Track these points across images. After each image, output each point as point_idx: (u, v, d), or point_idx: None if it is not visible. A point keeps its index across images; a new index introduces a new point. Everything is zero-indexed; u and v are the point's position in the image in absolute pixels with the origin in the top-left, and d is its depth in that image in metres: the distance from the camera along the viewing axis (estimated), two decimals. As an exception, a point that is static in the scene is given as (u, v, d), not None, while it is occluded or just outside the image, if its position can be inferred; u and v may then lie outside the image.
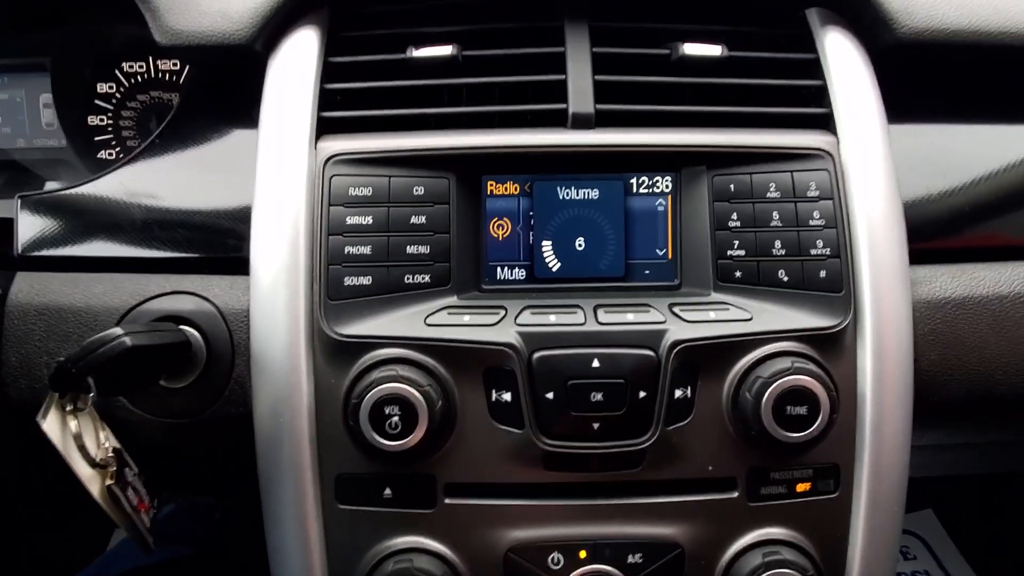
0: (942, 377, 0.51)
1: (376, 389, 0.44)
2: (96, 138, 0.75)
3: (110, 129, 0.75)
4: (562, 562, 0.46)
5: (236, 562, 0.90)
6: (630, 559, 0.46)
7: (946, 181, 0.57)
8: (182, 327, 0.50)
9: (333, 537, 0.47)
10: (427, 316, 0.47)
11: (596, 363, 0.44)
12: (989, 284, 0.53)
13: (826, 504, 0.48)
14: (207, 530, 0.98)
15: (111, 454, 0.45)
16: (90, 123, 0.75)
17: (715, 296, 0.49)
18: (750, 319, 0.47)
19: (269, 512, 0.48)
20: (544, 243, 0.51)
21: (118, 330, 0.41)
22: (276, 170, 0.50)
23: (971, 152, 0.60)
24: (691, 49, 0.52)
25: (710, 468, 0.46)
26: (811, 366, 0.45)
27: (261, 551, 0.51)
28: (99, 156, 0.74)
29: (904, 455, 0.49)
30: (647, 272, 0.52)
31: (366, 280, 0.47)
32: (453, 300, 0.48)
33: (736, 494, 0.47)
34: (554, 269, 0.52)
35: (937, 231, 0.56)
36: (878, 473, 0.48)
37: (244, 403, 0.49)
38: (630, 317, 0.46)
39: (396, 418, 0.43)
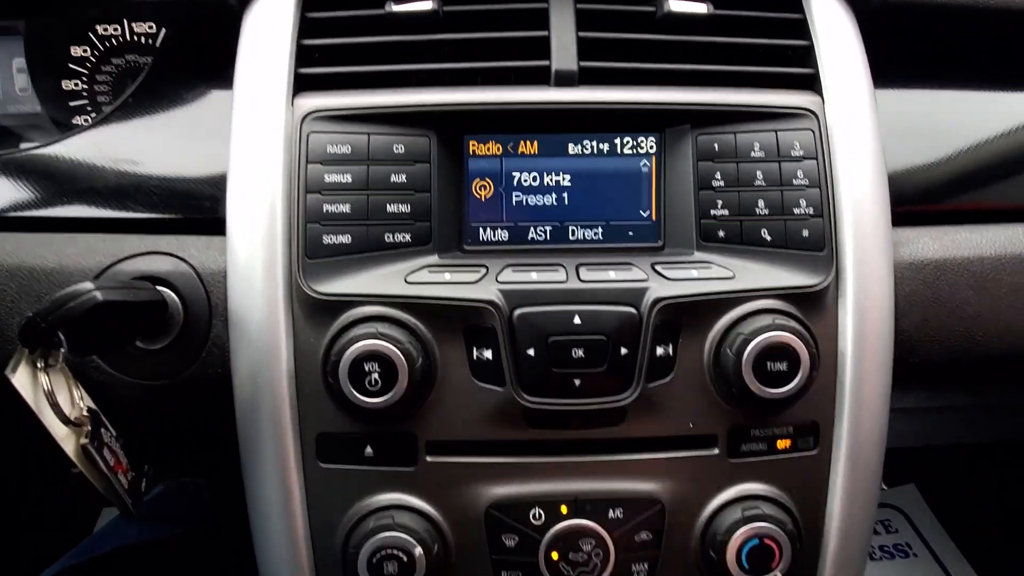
0: (923, 338, 0.52)
1: (355, 346, 0.43)
2: (71, 103, 0.73)
3: (85, 94, 0.73)
4: (543, 517, 0.46)
5: (225, 541, 0.90)
6: (611, 514, 0.46)
7: (931, 146, 0.57)
8: (158, 288, 0.49)
9: (314, 496, 0.47)
10: (407, 274, 0.46)
11: (577, 320, 0.44)
12: (971, 246, 0.54)
13: (806, 461, 0.48)
14: (196, 510, 0.98)
15: (86, 414, 0.45)
16: (64, 88, 0.73)
17: (698, 255, 0.48)
18: (732, 277, 0.46)
19: (249, 472, 0.48)
20: (527, 204, 0.51)
21: (89, 284, 0.40)
22: (252, 128, 0.49)
23: (957, 117, 0.60)
24: (677, 6, 0.51)
25: (691, 425, 0.47)
26: (792, 323, 0.45)
27: (250, 531, 0.51)
28: (74, 121, 0.72)
29: (883, 414, 0.50)
30: (630, 234, 0.51)
31: (345, 238, 0.47)
32: (434, 259, 0.48)
33: (716, 451, 0.47)
34: (537, 230, 0.51)
35: (920, 195, 0.56)
36: (857, 431, 0.49)
37: (222, 364, 0.49)
38: (612, 275, 0.46)
39: (376, 375, 0.43)
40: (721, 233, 0.48)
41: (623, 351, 0.44)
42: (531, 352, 0.44)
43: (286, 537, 0.47)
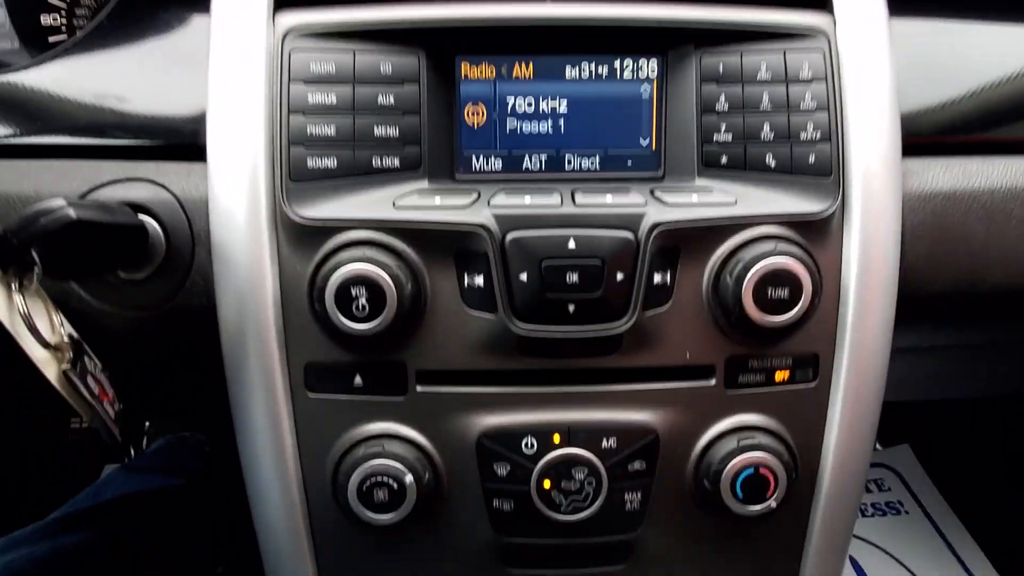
0: (929, 270, 0.50)
1: (342, 270, 0.42)
2: (50, 39, 0.70)
3: (64, 29, 0.70)
4: (535, 446, 0.45)
5: (226, 494, 0.91)
6: (604, 443, 0.45)
7: (945, 78, 0.55)
8: (140, 216, 0.47)
9: (303, 425, 0.46)
10: (396, 199, 0.44)
11: (572, 244, 0.43)
12: (981, 177, 0.52)
13: (804, 393, 0.47)
14: (198, 463, 0.99)
15: (66, 340, 0.44)
16: (43, 23, 0.70)
17: (699, 182, 0.47)
18: (734, 203, 0.45)
19: (237, 403, 0.47)
20: (522, 132, 0.49)
21: (61, 200, 0.38)
22: (231, 46, 0.46)
23: (973, 50, 0.57)
24: (682, -83, 0.48)
25: (688, 355, 0.46)
26: (795, 249, 0.44)
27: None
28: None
29: (885, 349, 0.49)
30: (629, 163, 0.49)
31: (330, 162, 0.45)
32: (424, 185, 0.46)
33: (713, 382, 0.46)
34: (532, 159, 0.49)
35: (931, 127, 0.54)
36: (858, 364, 0.48)
37: (207, 294, 0.47)
38: (609, 199, 0.44)
39: (363, 300, 0.42)
40: (724, 159, 0.46)
41: (619, 277, 0.43)
42: (523, 277, 0.43)
43: (275, 467, 0.47)
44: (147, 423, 1.46)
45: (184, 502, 0.86)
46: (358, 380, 0.46)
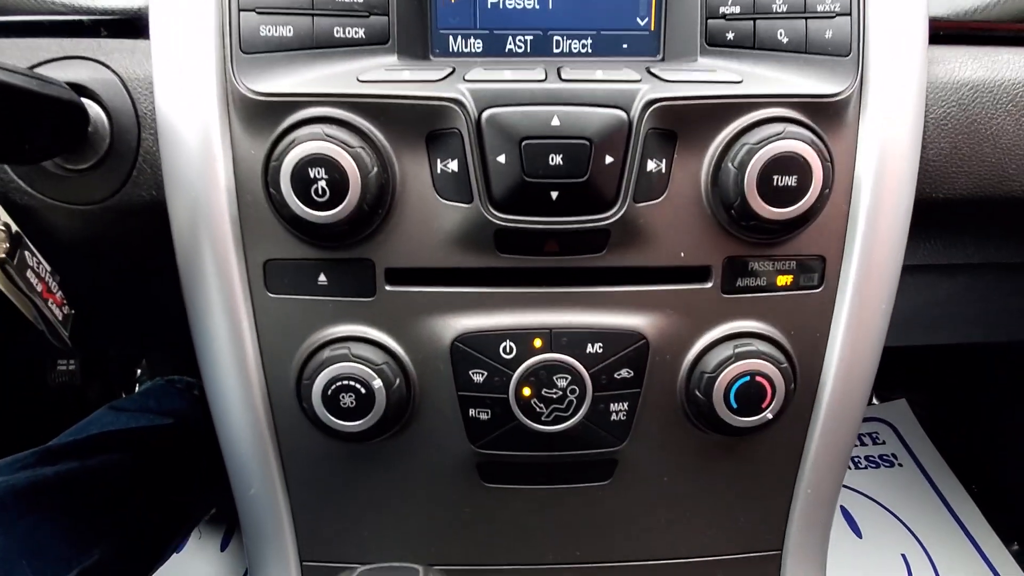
0: (950, 168, 0.46)
1: (298, 149, 0.37)
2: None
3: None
4: (514, 351, 0.42)
5: (213, 435, 0.89)
6: (589, 349, 0.42)
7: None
8: (82, 100, 0.43)
9: (265, 329, 0.43)
10: (360, 73, 0.39)
11: (556, 121, 0.38)
12: (1013, 68, 0.46)
13: (807, 299, 0.44)
14: (186, 405, 0.97)
15: (1, 229, 0.40)
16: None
17: (702, 61, 0.42)
18: (740, 82, 0.40)
19: (193, 306, 0.44)
20: (504, 7, 0.43)
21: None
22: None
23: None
24: None
25: (682, 255, 0.42)
26: (806, 133, 0.39)
27: None
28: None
29: (898, 255, 0.45)
30: (624, 46, 0.44)
31: (286, 31, 0.39)
32: (392, 60, 0.41)
33: (709, 285, 0.42)
34: (516, 40, 0.44)
35: (960, 14, 0.49)
36: (868, 270, 0.44)
37: (156, 186, 0.43)
38: (599, 74, 0.39)
39: (323, 184, 0.37)
40: (730, 35, 0.41)
41: (608, 160, 0.38)
42: (501, 159, 0.38)
43: (237, 374, 0.43)
44: (139, 371, 1.45)
45: (170, 441, 0.85)
46: (322, 279, 0.42)
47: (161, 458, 0.81)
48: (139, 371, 1.38)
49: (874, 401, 1.54)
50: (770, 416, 0.42)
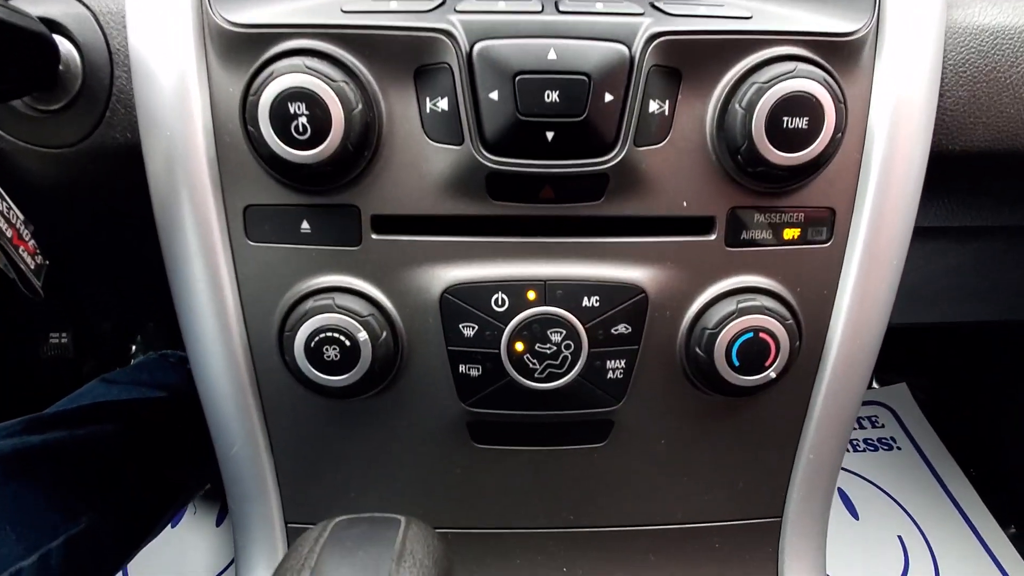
0: (968, 118, 0.43)
1: (277, 82, 0.35)
2: None
3: None
4: (507, 304, 0.40)
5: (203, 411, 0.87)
6: (585, 302, 0.40)
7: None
8: (53, 36, 0.40)
9: (245, 279, 0.41)
10: (344, 3, 0.37)
11: (553, 55, 0.35)
12: (1038, 14, 0.44)
13: (815, 255, 0.42)
14: (179, 379, 0.95)
15: (-38, 168, 0.38)
16: None
17: None
18: (750, 18, 0.37)
19: (171, 254, 0.41)
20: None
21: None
22: None
23: None
24: None
25: (684, 204, 0.39)
26: (818, 72, 0.37)
27: None
28: None
29: (911, 208, 0.42)
30: (627, -12, 0.42)
31: (265, -43, 0.37)
32: (379, -8, 0.39)
33: (713, 237, 0.40)
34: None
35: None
36: (879, 224, 0.41)
37: (130, 127, 0.41)
38: (599, 6, 0.36)
39: (304, 120, 0.35)
40: (739, -31, 0.39)
41: (607, 98, 0.36)
42: (494, 95, 0.36)
43: (217, 326, 0.41)
44: (133, 347, 1.43)
45: (162, 414, 0.83)
46: (305, 226, 0.40)
47: (153, 431, 0.80)
48: (133, 347, 1.36)
49: (874, 385, 1.53)
50: (773, 375, 0.41)
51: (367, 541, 0.25)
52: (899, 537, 1.16)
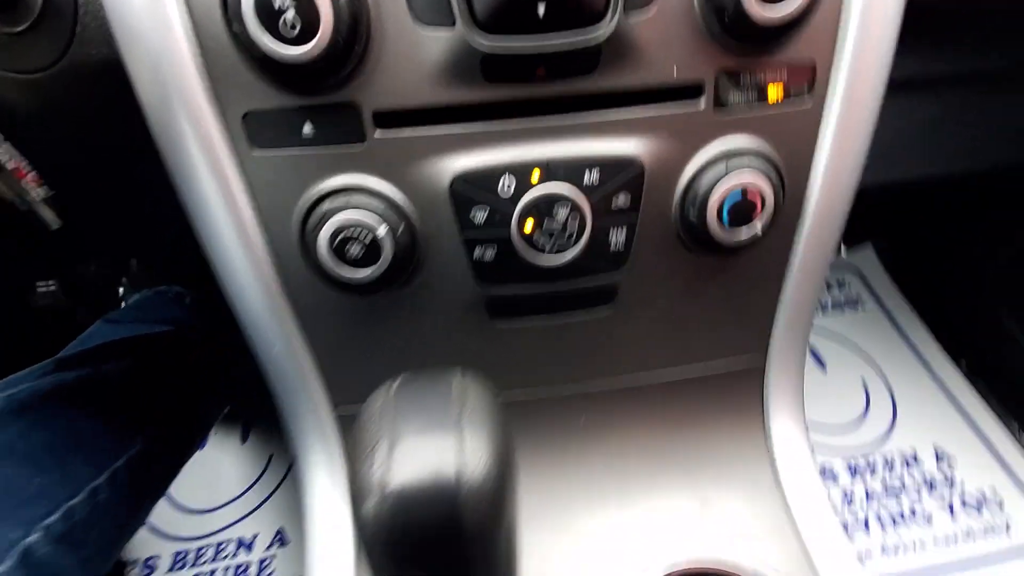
0: (944, -42, 0.44)
1: (260, -26, 0.34)
2: None
3: None
4: (514, 186, 0.42)
5: (213, 340, 0.89)
6: (587, 178, 0.42)
7: None
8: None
9: (258, 188, 0.42)
10: None
11: (539, -77, 0.35)
12: None
13: (797, 114, 0.44)
14: (180, 313, 0.96)
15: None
16: None
17: None
18: None
19: (177, 174, 0.42)
20: None
21: None
22: None
23: None
24: None
25: (675, 70, 0.41)
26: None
27: (236, 332, 0.47)
28: None
29: (886, 60, 0.44)
30: None
31: None
32: None
33: (702, 104, 0.42)
34: None
35: None
36: (856, 78, 0.43)
37: (104, 41, 0.40)
38: None
39: (291, 13, 0.35)
40: None
41: (596, -36, 0.36)
42: (483, -30, 0.35)
43: (238, 239, 0.43)
44: (121, 289, 1.43)
45: (173, 346, 0.86)
46: (307, 129, 0.40)
47: (167, 361, 0.83)
48: (121, 289, 1.36)
49: (842, 251, 1.61)
50: (759, 230, 0.45)
51: (432, 381, 0.30)
52: (862, 378, 1.30)
